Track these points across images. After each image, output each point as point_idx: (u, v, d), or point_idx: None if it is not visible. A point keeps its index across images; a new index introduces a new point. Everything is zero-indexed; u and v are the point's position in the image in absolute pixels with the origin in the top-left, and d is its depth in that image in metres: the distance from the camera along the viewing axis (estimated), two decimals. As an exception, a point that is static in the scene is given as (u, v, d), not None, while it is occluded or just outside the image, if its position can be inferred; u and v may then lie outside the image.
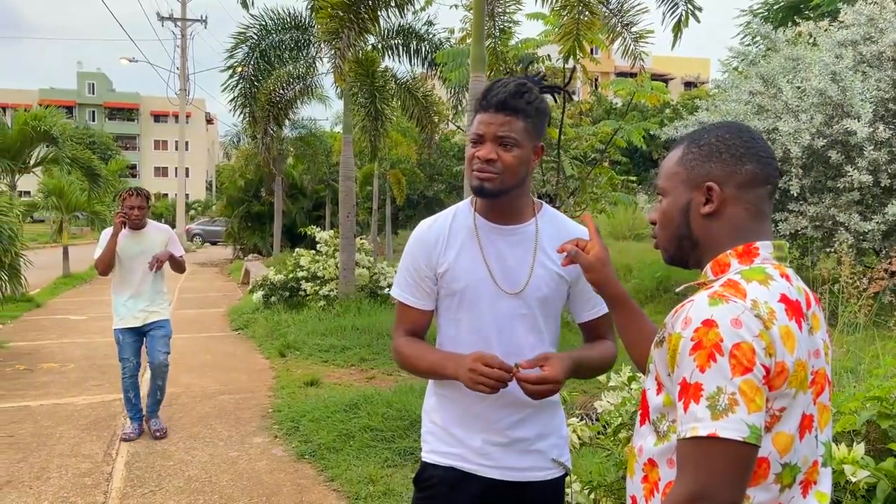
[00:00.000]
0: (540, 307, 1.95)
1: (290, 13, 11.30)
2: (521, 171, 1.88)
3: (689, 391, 1.20)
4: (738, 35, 19.64)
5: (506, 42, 8.77)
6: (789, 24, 14.08)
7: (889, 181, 9.16)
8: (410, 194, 22.02)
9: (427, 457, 2.04)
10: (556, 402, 2.05)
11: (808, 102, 9.61)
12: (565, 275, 1.96)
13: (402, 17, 7.32)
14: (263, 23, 11.16)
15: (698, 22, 6.73)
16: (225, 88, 11.19)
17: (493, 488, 1.97)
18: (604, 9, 6.45)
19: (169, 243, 5.63)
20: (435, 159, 21.57)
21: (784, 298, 1.27)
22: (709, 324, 1.20)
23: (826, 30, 11.17)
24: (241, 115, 11.46)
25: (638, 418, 1.43)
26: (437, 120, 12.17)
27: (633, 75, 10.39)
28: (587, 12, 5.31)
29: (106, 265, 5.38)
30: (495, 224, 1.95)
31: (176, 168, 42.83)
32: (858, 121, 8.84)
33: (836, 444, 1.88)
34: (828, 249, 9.41)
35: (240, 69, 11.52)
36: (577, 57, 5.83)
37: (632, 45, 7.39)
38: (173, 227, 37.06)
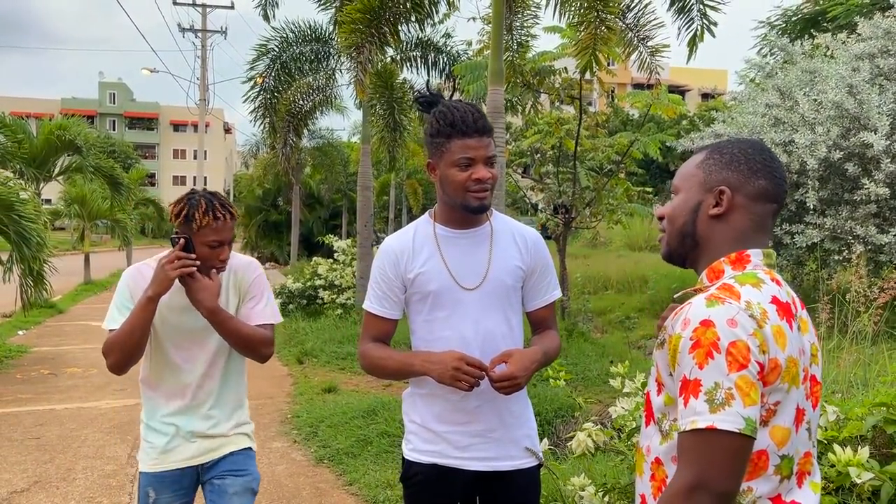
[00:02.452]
0: (505, 297, 2.13)
1: (310, 26, 11.48)
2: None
3: (689, 387, 1.28)
4: (755, 47, 19.63)
5: (523, 55, 8.87)
6: (807, 36, 14.07)
7: (904, 197, 9.15)
8: (426, 204, 22.14)
9: (409, 455, 2.17)
10: (524, 394, 2.21)
11: (825, 115, 9.62)
12: (522, 265, 2.16)
13: (421, 31, 7.46)
14: (284, 35, 11.34)
15: (713, 36, 6.80)
16: (246, 99, 11.37)
17: (476, 479, 2.10)
18: (620, 23, 6.55)
19: (249, 295, 2.57)
20: (451, 169, 21.64)
21: (775, 300, 1.35)
22: (706, 324, 1.29)
23: (843, 42, 11.19)
24: (262, 126, 11.65)
25: (643, 420, 1.51)
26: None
27: (650, 87, 10.46)
28: (604, 27, 5.40)
29: (127, 356, 2.41)
30: (455, 230, 2.14)
31: (194, 177, 43.25)
32: (875, 133, 8.85)
33: (843, 448, 1.94)
34: (845, 263, 9.40)
35: (261, 80, 11.70)
36: (594, 70, 5.92)
37: (648, 59, 7.46)
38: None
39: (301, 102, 11.72)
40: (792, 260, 10.25)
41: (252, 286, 2.56)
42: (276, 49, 11.26)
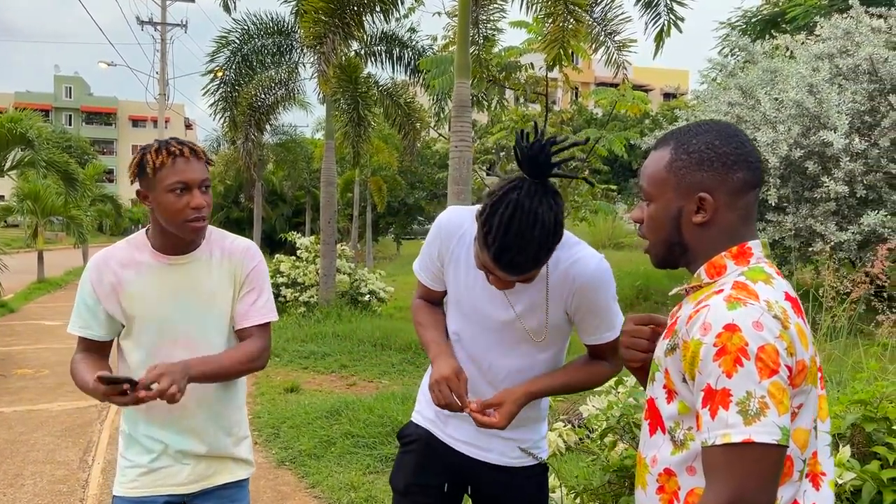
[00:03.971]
0: (526, 337, 1.92)
1: (272, 18, 11.26)
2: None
3: (716, 397, 1.20)
4: (717, 47, 19.89)
5: (489, 49, 8.80)
6: (767, 36, 14.28)
7: (865, 192, 9.30)
8: (391, 201, 22.01)
9: (414, 416, 2.15)
10: (540, 405, 2.07)
11: (786, 114, 9.74)
12: (562, 317, 1.91)
13: (387, 22, 7.36)
14: (246, 27, 11.10)
15: (680, 32, 6.80)
16: (206, 92, 11.11)
17: (472, 465, 2.02)
18: (587, 17, 6.50)
19: (248, 287, 2.16)
20: (416, 167, 21.57)
21: (788, 296, 1.28)
22: (731, 328, 1.20)
23: (803, 43, 11.35)
24: (222, 120, 11.39)
25: (646, 428, 1.42)
26: (419, 127, 12.16)
27: (613, 86, 10.48)
28: (572, 20, 5.35)
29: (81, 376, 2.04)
30: None
31: (154, 173, 42.34)
32: (835, 132, 8.98)
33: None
34: (805, 259, 9.53)
35: (220, 73, 11.44)
36: (563, 65, 5.87)
37: (615, 55, 7.45)
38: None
39: (263, 96, 11.50)
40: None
41: (251, 276, 2.12)
42: (237, 41, 11.02)
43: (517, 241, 1.63)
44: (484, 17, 8.16)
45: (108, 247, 2.13)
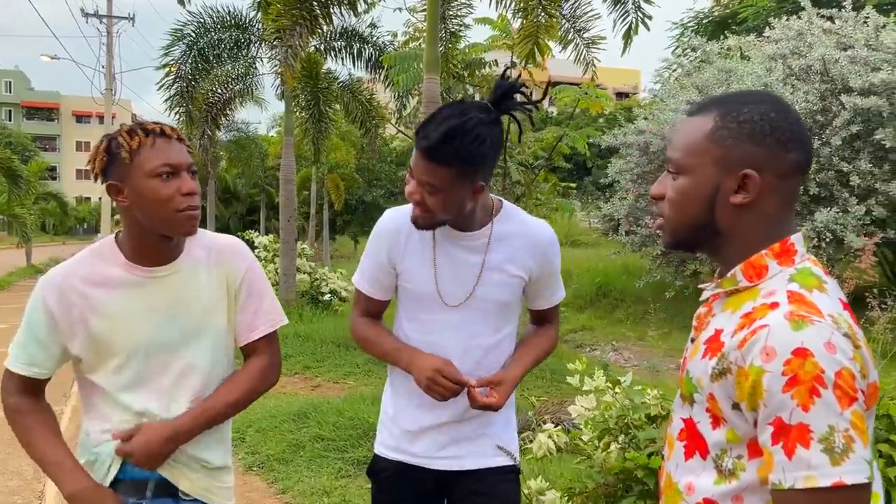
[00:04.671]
0: (493, 312, 1.94)
1: (229, 11, 11.01)
2: (454, 210, 1.81)
3: (792, 433, 1.05)
4: (670, 47, 20.22)
5: (455, 45, 8.75)
6: (721, 37, 14.57)
7: (817, 189, 9.52)
8: (348, 199, 21.79)
9: (377, 448, 2.06)
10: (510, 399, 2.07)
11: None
12: (523, 274, 1.93)
13: (354, 15, 7.22)
14: (202, 20, 10.83)
15: (648, 30, 6.86)
16: (161, 87, 10.80)
17: (446, 477, 1.98)
18: (558, 13, 6.50)
19: (246, 292, 1.85)
20: (374, 164, 21.41)
21: (843, 303, 1.16)
22: (802, 353, 1.05)
23: (755, 45, 11.59)
24: (177, 115, 11.07)
25: (680, 449, 1.27)
26: (379, 123, 12.04)
27: (572, 84, 10.53)
28: (545, 15, 5.33)
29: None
30: (451, 228, 1.91)
31: (100, 170, 41.15)
32: (790, 131, 9.16)
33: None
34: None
35: (173, 69, 11.14)
36: (535, 61, 5.85)
37: (584, 52, 7.47)
38: (97, 233, 35.36)
39: (220, 91, 11.24)
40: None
41: (248, 279, 1.82)
42: (193, 35, 10.73)
43: (438, 118, 1.74)
44: (451, 13, 8.10)
45: (66, 262, 1.73)
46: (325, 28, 6.50)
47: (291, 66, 5.66)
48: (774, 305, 1.13)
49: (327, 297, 11.40)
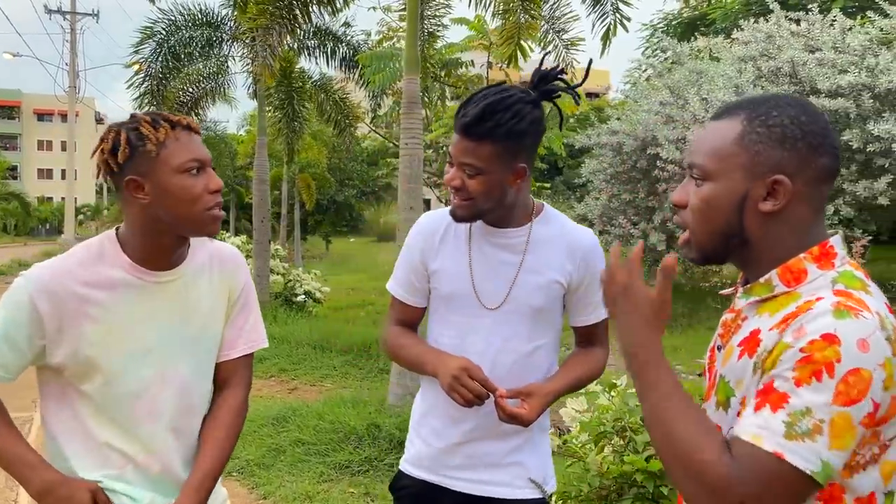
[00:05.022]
0: (529, 318, 1.84)
1: (201, 9, 10.86)
2: (495, 195, 1.74)
3: (770, 396, 1.04)
4: (640, 48, 20.46)
5: (432, 45, 8.73)
6: (689, 39, 14.76)
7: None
8: (320, 199, 21.62)
9: (401, 464, 2.00)
10: (543, 416, 1.93)
11: (714, 113, 10.04)
12: (562, 280, 1.84)
13: (334, 14, 7.15)
14: (172, 18, 10.66)
15: (626, 31, 6.93)
16: (130, 85, 10.60)
17: (467, 501, 1.89)
18: (538, 14, 6.52)
19: (239, 303, 1.76)
20: (345, 163, 21.29)
21: (888, 307, 1.10)
22: (830, 339, 1.01)
23: (725, 47, 11.76)
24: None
25: None
26: (353, 123, 11.96)
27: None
28: (527, 16, 5.33)
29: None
30: (488, 226, 1.85)
31: (63, 170, 40.45)
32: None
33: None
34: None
35: (139, 67, 10.95)
36: (517, 61, 5.85)
37: (563, 53, 7.51)
38: (60, 234, 34.63)
39: (191, 90, 11.08)
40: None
41: (245, 292, 1.75)
42: (164, 32, 10.56)
43: (477, 97, 1.71)
44: (429, 13, 8.07)
45: (57, 259, 1.58)
46: (305, 26, 6.42)
47: (270, 66, 5.59)
48: (821, 298, 1.09)
49: (301, 298, 11.30)
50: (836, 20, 10.43)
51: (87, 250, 1.58)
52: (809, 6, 11.01)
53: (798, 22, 10.81)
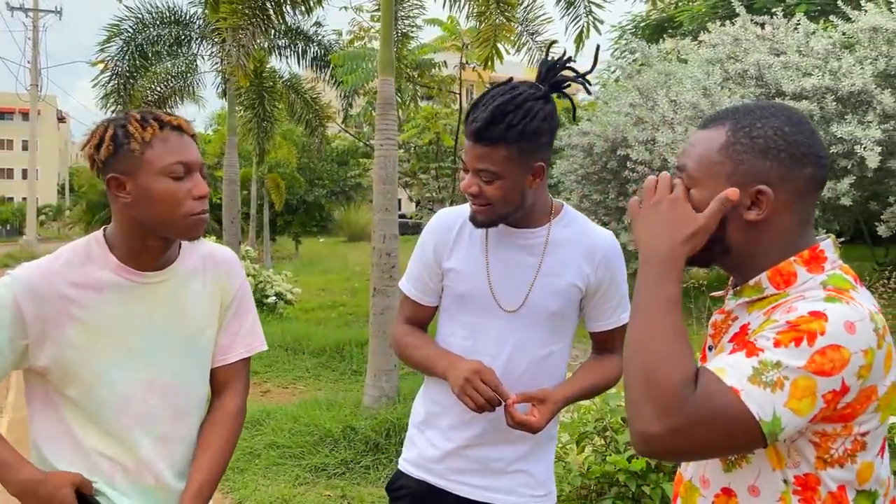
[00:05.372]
0: (545, 322, 1.80)
1: (169, 7, 10.70)
2: (515, 199, 1.71)
3: (748, 346, 1.07)
4: (609, 49, 20.63)
5: (405, 45, 8.72)
6: (658, 41, 14.93)
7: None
8: (289, 199, 21.43)
9: (401, 464, 1.96)
10: (552, 422, 1.87)
11: (682, 115, 10.18)
12: (580, 285, 1.80)
13: (308, 13, 7.11)
14: (140, 15, 10.49)
15: (599, 34, 6.99)
16: (96, 84, 10.41)
17: None
18: (514, 16, 6.56)
19: (234, 308, 1.72)
20: (315, 163, 21.14)
21: (878, 310, 1.14)
22: (817, 315, 1.05)
23: (693, 49, 11.93)
24: (113, 114, 10.68)
25: None
26: (323, 122, 11.89)
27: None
28: (503, 18, 5.35)
29: None
30: (507, 226, 1.80)
31: (24, 169, 39.61)
32: (729, 133, 9.45)
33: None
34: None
35: (103, 64, 10.76)
36: (493, 63, 5.88)
37: (537, 55, 7.56)
38: (22, 235, 33.79)
39: (159, 90, 10.91)
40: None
41: (239, 296, 1.71)
42: (131, 30, 10.39)
43: (486, 99, 1.67)
44: (402, 14, 8.06)
45: (43, 260, 1.54)
46: (279, 25, 6.38)
47: (244, 66, 5.52)
48: (768, 299, 1.16)
49: (272, 299, 11.19)
50: (799, 24, 10.64)
51: (74, 251, 1.55)
52: (773, 10, 11.21)
53: (763, 26, 11.01)
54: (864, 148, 8.51)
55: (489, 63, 5.52)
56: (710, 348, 1.30)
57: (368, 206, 26.39)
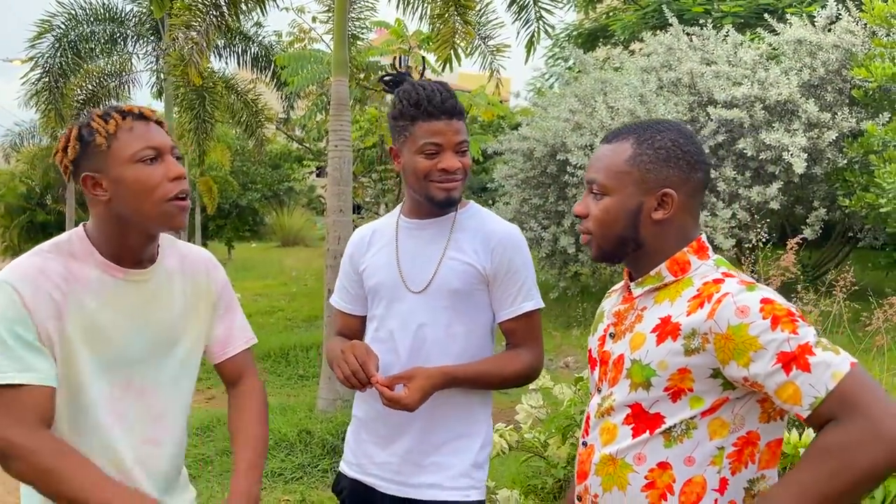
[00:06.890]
0: (451, 303, 1.86)
1: (103, 4, 10.31)
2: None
3: (798, 353, 1.21)
4: (543, 56, 20.99)
5: (353, 47, 8.67)
6: (592, 49, 15.29)
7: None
8: (222, 203, 20.93)
9: (340, 466, 2.06)
10: (475, 405, 1.92)
11: (620, 121, 10.46)
12: (479, 267, 1.87)
13: (264, 13, 6.97)
14: (73, 11, 10.08)
15: (550, 38, 7.13)
16: (25, 81, 9.95)
17: (395, 501, 1.90)
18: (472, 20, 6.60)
19: (223, 304, 1.77)
20: (249, 167, 20.74)
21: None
22: (768, 301, 1.25)
23: (626, 57, 12.29)
24: (44, 112, 10.20)
25: (626, 431, 1.37)
26: (263, 124, 11.70)
27: (461, 92, 10.69)
28: (461, 20, 5.40)
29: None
30: (414, 220, 1.95)
31: (-67, 171, 37.46)
32: (664, 139, 9.78)
33: (788, 432, 2.04)
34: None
35: (24, 61, 10.32)
36: (451, 65, 5.92)
37: (490, 59, 7.64)
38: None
39: (93, 88, 10.50)
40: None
41: (225, 293, 1.74)
42: (63, 27, 9.97)
43: (434, 86, 1.84)
44: (353, 15, 7.99)
45: (27, 257, 1.48)
46: (235, 22, 6.25)
47: (197, 65, 5.38)
48: (719, 280, 1.33)
49: (211, 304, 10.94)
50: (728, 35, 11.09)
51: (57, 248, 1.50)
52: (702, 21, 11.65)
53: (691, 37, 11.42)
54: (791, 154, 8.96)
55: (448, 63, 5.57)
56: (610, 335, 1.47)
57: (301, 211, 26.02)
